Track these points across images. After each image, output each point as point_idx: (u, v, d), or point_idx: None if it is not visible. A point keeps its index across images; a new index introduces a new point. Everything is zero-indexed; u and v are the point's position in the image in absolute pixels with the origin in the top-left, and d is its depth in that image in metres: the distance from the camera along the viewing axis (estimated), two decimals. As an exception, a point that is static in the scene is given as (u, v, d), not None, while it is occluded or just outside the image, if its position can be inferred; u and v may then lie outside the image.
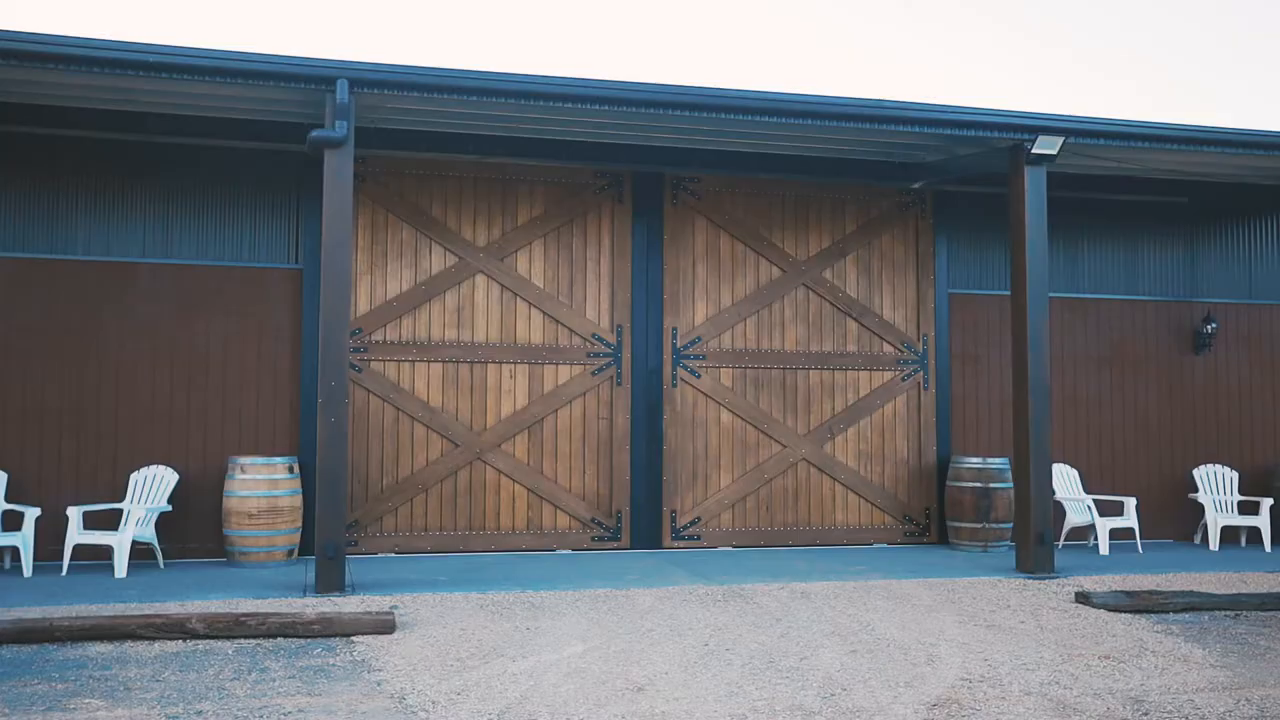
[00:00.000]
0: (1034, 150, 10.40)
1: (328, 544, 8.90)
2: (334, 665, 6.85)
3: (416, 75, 9.19)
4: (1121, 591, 9.30)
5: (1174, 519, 13.34)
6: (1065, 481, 12.61)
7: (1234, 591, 9.68)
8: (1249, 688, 6.66)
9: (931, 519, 12.59)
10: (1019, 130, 10.40)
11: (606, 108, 9.70)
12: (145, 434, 10.71)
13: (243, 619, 7.53)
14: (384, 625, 7.70)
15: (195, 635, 7.41)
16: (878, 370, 12.58)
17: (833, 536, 12.31)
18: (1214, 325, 13.46)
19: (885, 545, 12.38)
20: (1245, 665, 7.24)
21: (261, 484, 10.25)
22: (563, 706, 5.97)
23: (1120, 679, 6.78)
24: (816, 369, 12.40)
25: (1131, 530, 12.26)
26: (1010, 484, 11.85)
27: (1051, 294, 13.15)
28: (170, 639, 7.38)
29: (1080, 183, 12.92)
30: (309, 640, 7.50)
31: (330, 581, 8.87)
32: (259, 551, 10.25)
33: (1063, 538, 12.46)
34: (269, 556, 10.26)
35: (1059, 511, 12.52)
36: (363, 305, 11.30)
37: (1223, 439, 13.63)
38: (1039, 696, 6.34)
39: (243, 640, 7.44)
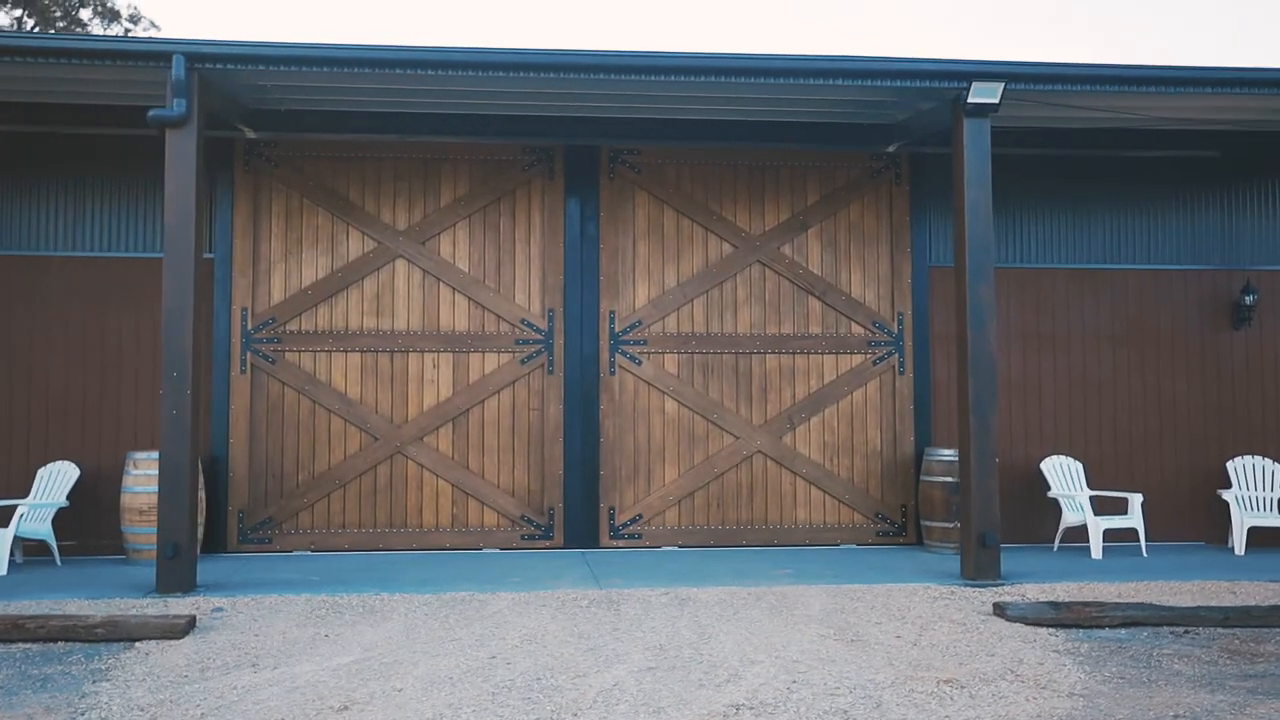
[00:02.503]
0: (970, 99, 9.12)
1: (168, 544, 8.48)
2: (70, 674, 6.38)
3: (262, 50, 8.68)
4: (1048, 603, 8.02)
5: (1203, 519, 11.67)
6: (1065, 476, 11.18)
7: (1201, 604, 8.26)
8: (1082, 726, 5.48)
9: (909, 517, 11.34)
10: (950, 77, 9.15)
11: (480, 73, 8.99)
12: (57, 429, 10.57)
13: (21, 622, 7.16)
14: (173, 630, 7.21)
15: (-30, 638, 7.09)
16: (845, 353, 11.40)
17: (793, 536, 11.22)
18: (1254, 296, 11.72)
19: (854, 546, 11.21)
20: (1117, 695, 6.02)
21: (154, 479, 9.93)
22: (233, 728, 5.33)
23: (930, 709, 5.68)
24: (774, 353, 11.32)
25: (1135, 531, 10.75)
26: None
27: (1054, 265, 11.78)
28: (-59, 642, 7.08)
29: (1083, 138, 11.44)
30: (86, 645, 7.05)
31: (171, 582, 8.45)
32: (152, 549, 9.90)
33: (1058, 539, 11.04)
34: (163, 554, 9.93)
35: (1056, 510, 11.12)
36: (277, 294, 10.90)
37: (1267, 427, 11.86)
38: (800, 730, 5.34)
39: (16, 645, 7.05)
